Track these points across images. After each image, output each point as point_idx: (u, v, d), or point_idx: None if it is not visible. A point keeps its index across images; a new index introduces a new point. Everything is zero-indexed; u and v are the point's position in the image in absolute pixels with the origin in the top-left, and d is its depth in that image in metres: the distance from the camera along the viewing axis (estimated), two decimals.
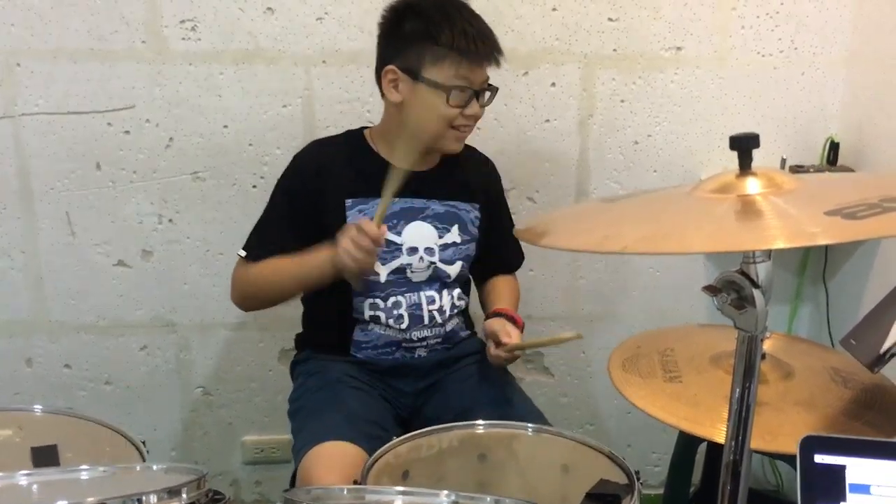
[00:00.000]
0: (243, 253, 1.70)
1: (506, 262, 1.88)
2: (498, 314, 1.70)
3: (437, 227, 1.70)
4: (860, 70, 2.05)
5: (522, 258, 1.90)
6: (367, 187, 1.65)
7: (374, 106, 1.87)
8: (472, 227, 1.75)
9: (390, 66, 1.61)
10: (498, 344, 1.63)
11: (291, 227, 1.68)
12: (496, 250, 1.83)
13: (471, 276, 1.83)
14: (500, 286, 1.85)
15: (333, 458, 1.46)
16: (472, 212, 1.75)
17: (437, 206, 1.71)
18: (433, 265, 1.69)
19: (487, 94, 1.65)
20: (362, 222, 1.52)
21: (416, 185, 1.68)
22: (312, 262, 1.60)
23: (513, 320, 1.68)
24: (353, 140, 1.74)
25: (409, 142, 1.57)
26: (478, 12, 1.98)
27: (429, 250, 1.69)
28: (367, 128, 1.77)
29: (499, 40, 1.63)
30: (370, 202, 1.65)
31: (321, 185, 1.67)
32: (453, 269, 1.72)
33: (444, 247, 1.70)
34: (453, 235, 1.71)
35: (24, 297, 2.06)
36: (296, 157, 1.74)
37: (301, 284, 1.70)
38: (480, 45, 1.59)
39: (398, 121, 1.65)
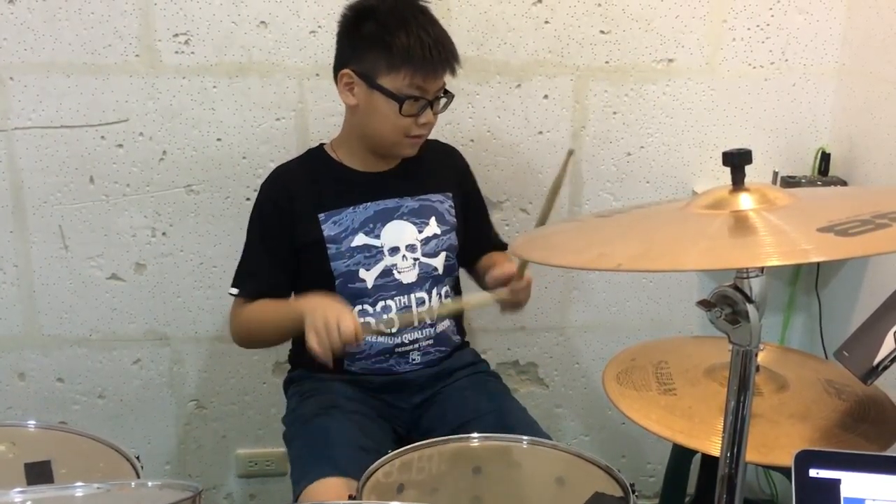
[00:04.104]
0: (235, 291, 1.71)
1: (494, 244, 1.86)
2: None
3: (414, 223, 1.70)
4: (850, 81, 2.06)
5: (505, 245, 1.88)
6: (336, 199, 1.67)
7: None
8: (448, 216, 1.74)
9: (346, 70, 1.61)
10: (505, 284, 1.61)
11: (273, 255, 1.69)
12: (480, 234, 1.82)
13: (461, 270, 1.82)
14: (496, 255, 1.81)
15: (331, 493, 1.44)
16: (445, 202, 1.75)
17: (410, 203, 1.71)
18: (417, 261, 1.69)
19: (443, 100, 1.64)
20: (350, 327, 1.48)
21: (386, 186, 1.69)
22: (289, 325, 1.60)
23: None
24: (315, 157, 1.75)
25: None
26: (471, 25, 1.99)
27: (410, 247, 1.68)
28: (325, 143, 1.77)
29: (456, 47, 1.62)
30: (342, 212, 1.66)
31: (292, 207, 1.67)
32: (439, 262, 1.71)
33: (426, 241, 1.70)
34: (432, 227, 1.71)
35: (17, 311, 2.05)
36: (262, 187, 1.75)
37: (284, 336, 1.73)
38: (436, 53, 1.56)
39: (356, 125, 1.66)
